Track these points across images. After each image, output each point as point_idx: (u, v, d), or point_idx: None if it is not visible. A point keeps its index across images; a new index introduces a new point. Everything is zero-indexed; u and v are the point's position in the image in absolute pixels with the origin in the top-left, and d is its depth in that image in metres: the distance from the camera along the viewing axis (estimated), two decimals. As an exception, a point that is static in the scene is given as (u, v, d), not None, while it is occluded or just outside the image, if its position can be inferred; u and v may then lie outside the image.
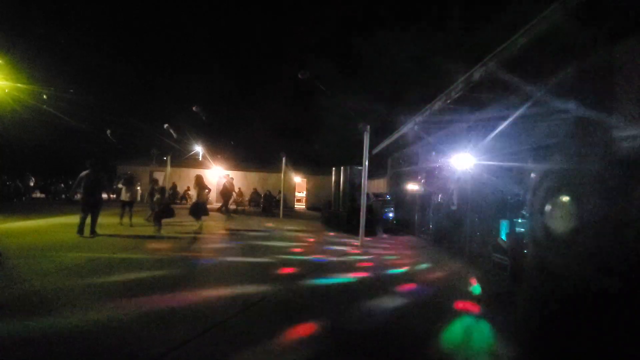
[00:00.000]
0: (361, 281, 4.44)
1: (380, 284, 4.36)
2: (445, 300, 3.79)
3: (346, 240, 7.96)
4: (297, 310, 3.21)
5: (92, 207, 6.60)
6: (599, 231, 2.92)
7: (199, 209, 7.69)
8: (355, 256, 6.09)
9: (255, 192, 19.49)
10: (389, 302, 3.61)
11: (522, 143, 5.75)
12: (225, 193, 11.50)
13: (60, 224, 8.18)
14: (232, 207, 13.40)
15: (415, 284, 4.40)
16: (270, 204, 17.02)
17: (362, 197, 7.51)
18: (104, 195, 9.81)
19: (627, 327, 2.70)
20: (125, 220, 8.55)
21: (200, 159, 21.70)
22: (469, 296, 4.02)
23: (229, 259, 5.32)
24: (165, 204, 7.95)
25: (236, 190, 13.68)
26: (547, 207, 3.58)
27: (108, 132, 19.73)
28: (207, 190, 7.99)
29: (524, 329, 3.14)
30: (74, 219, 8.67)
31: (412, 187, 10.83)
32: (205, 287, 3.74)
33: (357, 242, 7.24)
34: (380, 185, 16.63)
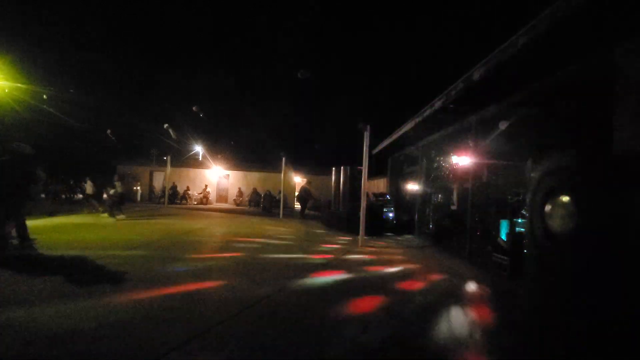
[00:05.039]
0: (360, 281, 4.43)
1: (381, 283, 4.35)
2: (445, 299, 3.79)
3: (346, 240, 7.96)
4: (294, 311, 3.22)
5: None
6: (598, 231, 2.92)
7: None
8: (354, 256, 6.08)
9: (255, 192, 19.48)
10: (388, 302, 3.61)
11: (522, 143, 5.74)
12: (305, 198, 13.76)
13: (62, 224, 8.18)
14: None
15: (416, 284, 4.40)
16: (270, 204, 17.09)
17: (362, 197, 7.51)
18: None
19: (627, 326, 2.70)
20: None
21: (200, 159, 21.74)
22: (465, 296, 4.03)
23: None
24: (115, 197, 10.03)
25: (314, 195, 15.01)
26: (547, 207, 3.58)
27: (108, 132, 19.71)
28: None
29: (523, 328, 3.14)
30: (77, 219, 8.78)
31: (412, 187, 10.83)
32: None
33: (357, 242, 7.24)
34: (380, 185, 16.62)
